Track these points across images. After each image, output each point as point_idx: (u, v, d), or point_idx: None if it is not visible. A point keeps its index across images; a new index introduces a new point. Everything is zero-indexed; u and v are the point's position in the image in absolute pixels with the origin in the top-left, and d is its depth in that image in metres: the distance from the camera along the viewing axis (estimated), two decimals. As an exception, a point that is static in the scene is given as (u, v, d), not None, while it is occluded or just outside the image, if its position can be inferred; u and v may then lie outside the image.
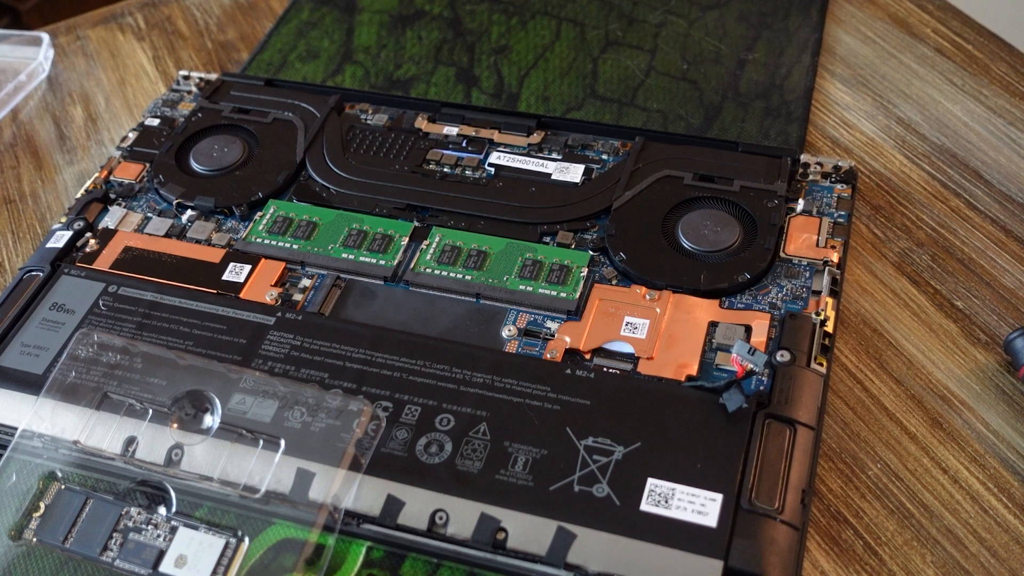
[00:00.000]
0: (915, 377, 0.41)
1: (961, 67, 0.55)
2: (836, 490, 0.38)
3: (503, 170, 0.49)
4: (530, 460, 0.36)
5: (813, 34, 0.58)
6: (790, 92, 0.54)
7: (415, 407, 0.38)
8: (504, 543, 0.34)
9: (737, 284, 0.42)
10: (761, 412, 0.37)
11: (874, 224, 0.47)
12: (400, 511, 0.35)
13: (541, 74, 0.57)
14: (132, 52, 0.63)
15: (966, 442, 0.39)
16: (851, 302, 0.44)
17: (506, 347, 0.41)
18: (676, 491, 0.35)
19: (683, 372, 0.39)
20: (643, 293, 0.42)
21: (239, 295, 0.43)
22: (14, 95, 0.59)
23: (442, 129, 0.51)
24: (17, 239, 0.51)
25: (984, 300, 0.44)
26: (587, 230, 0.45)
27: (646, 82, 0.56)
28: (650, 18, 0.60)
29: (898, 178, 0.50)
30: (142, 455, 0.38)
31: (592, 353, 0.40)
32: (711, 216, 0.45)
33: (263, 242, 0.46)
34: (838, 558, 0.36)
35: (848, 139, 0.52)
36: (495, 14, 0.61)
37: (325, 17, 0.62)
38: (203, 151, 0.51)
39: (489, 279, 0.43)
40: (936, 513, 0.37)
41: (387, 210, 0.47)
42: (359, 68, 0.58)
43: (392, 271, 0.44)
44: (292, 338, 0.41)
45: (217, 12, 0.65)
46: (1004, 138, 0.51)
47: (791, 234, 0.44)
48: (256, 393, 0.38)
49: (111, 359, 0.40)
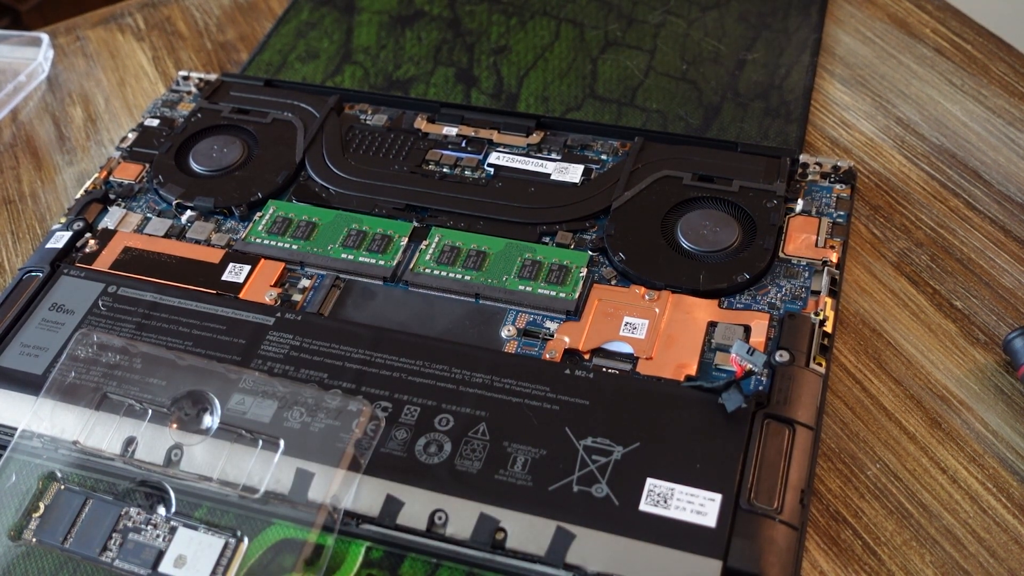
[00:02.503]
0: (914, 377, 0.41)
1: (960, 67, 0.55)
2: (835, 490, 0.38)
3: (502, 170, 0.49)
4: (529, 460, 0.36)
5: (812, 34, 0.58)
6: (789, 92, 0.54)
7: (414, 407, 0.38)
8: (503, 543, 0.34)
9: (736, 284, 0.42)
10: (760, 412, 0.37)
11: (873, 224, 0.47)
12: (399, 511, 0.35)
13: (540, 74, 0.57)
14: (132, 52, 0.63)
15: (965, 442, 0.39)
16: (850, 302, 0.44)
17: (505, 347, 0.41)
18: (675, 491, 0.35)
19: (682, 372, 0.39)
20: (642, 293, 0.42)
21: (238, 295, 0.43)
22: (14, 95, 0.59)
23: (441, 129, 0.51)
24: (17, 239, 0.51)
25: (983, 300, 0.44)
26: (586, 230, 0.45)
27: (645, 82, 0.56)
28: (649, 18, 0.60)
29: (897, 178, 0.50)
30: (141, 455, 0.38)
31: (591, 353, 0.40)
32: (710, 216, 0.45)
33: (262, 242, 0.46)
34: (837, 558, 0.36)
35: (847, 139, 0.52)
36: (494, 14, 0.61)
37: (324, 18, 0.62)
38: (202, 151, 0.51)
39: (488, 279, 0.43)
40: (935, 513, 0.37)
41: (386, 210, 0.47)
42: (358, 68, 0.58)
43: (391, 271, 0.44)
44: (291, 338, 0.41)
45: (217, 13, 0.65)
46: (1003, 138, 0.51)
47: (790, 234, 0.44)
48: (256, 393, 0.38)
49: (110, 359, 0.40)
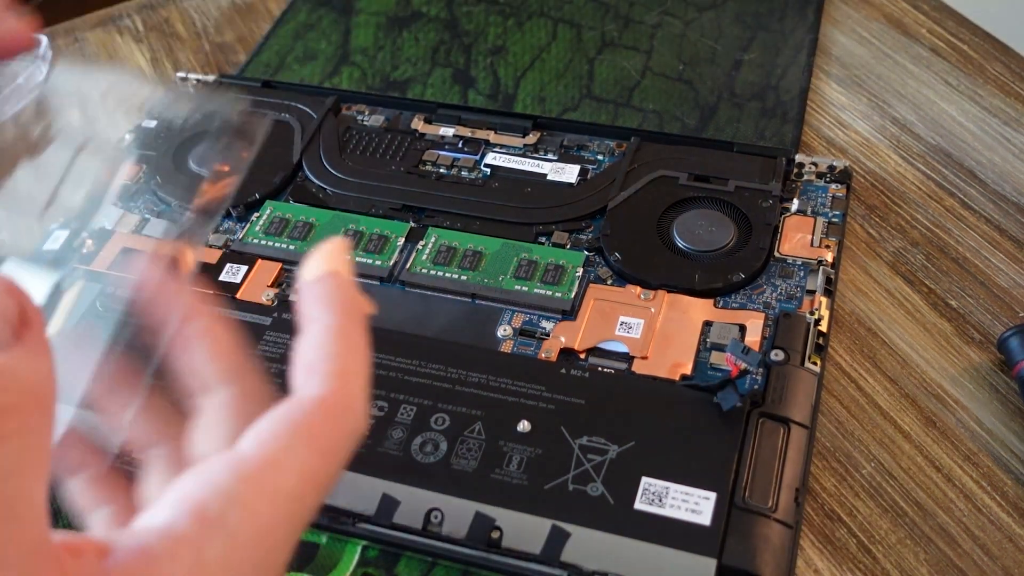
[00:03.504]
0: (909, 376, 0.41)
1: (956, 67, 0.55)
2: (830, 488, 0.38)
3: (499, 171, 0.49)
4: (525, 459, 0.36)
5: (808, 35, 0.58)
6: (785, 92, 0.54)
7: (410, 407, 0.38)
8: (499, 542, 0.34)
9: (731, 284, 0.42)
10: (755, 411, 0.37)
11: (869, 224, 0.47)
12: (395, 510, 0.35)
13: (537, 75, 0.57)
14: (130, 54, 0.63)
15: (960, 440, 0.39)
16: (845, 301, 0.44)
17: (501, 347, 0.41)
18: (670, 490, 0.35)
19: (677, 371, 0.39)
20: (638, 293, 0.42)
21: (236, 296, 0.44)
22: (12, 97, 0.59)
23: (438, 130, 0.52)
24: (15, 240, 0.51)
25: (978, 299, 0.44)
26: (582, 230, 0.46)
27: (642, 83, 0.56)
28: (646, 19, 0.60)
29: (893, 178, 0.50)
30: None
31: (587, 353, 0.40)
32: (706, 216, 0.45)
33: (260, 243, 0.46)
34: (831, 556, 0.36)
35: (843, 139, 0.52)
36: (492, 15, 0.62)
37: (322, 19, 0.62)
38: (201, 152, 0.51)
39: (485, 279, 0.43)
40: (930, 511, 0.37)
41: (383, 211, 0.47)
42: (356, 70, 0.58)
43: (388, 271, 0.44)
44: (289, 339, 0.41)
45: (215, 14, 0.65)
46: (999, 138, 0.51)
47: (785, 234, 0.44)
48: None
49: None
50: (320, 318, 0.24)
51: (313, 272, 0.25)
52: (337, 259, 0.25)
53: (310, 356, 0.24)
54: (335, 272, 0.25)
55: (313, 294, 0.25)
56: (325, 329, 0.24)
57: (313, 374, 0.23)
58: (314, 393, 0.23)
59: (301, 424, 0.22)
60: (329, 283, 0.25)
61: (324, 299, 0.25)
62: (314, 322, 0.24)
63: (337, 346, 0.24)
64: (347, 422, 0.23)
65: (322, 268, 0.25)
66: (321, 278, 0.25)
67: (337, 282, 0.25)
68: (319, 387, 0.23)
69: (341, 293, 0.25)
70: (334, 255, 0.25)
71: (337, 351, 0.24)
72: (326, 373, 0.23)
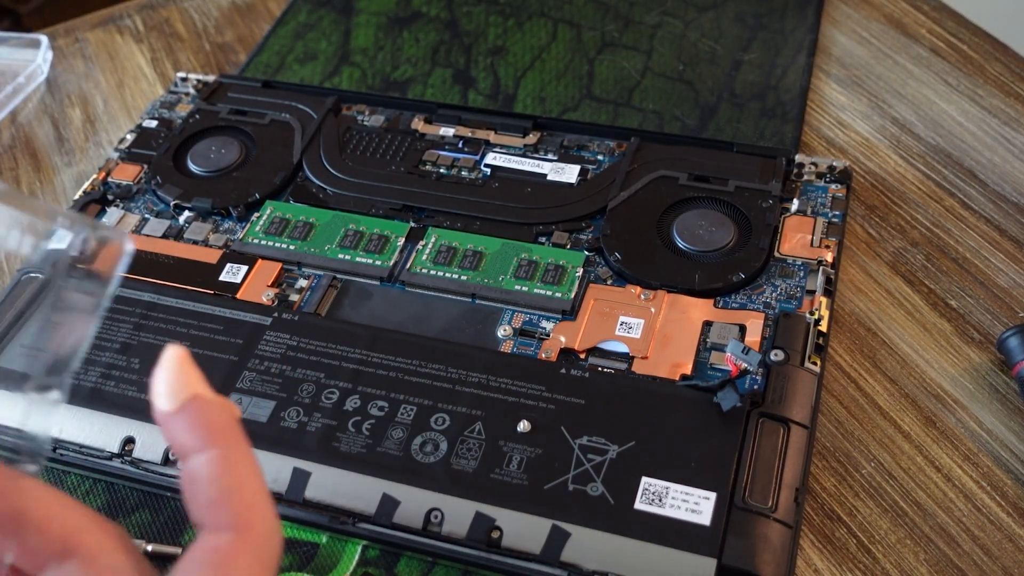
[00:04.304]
0: (909, 376, 0.41)
1: (956, 67, 0.56)
2: (830, 488, 0.38)
3: (499, 171, 0.49)
4: (525, 459, 0.36)
5: (808, 35, 0.58)
6: (785, 92, 0.54)
7: (411, 407, 0.38)
8: (499, 542, 0.34)
9: (731, 284, 0.42)
10: (755, 411, 0.37)
11: (868, 224, 0.47)
12: (395, 510, 0.35)
13: (537, 75, 0.57)
14: (130, 54, 0.63)
15: (960, 440, 0.39)
16: (845, 301, 0.44)
17: (501, 347, 0.41)
18: (670, 490, 0.35)
19: (677, 371, 0.39)
20: (638, 293, 0.42)
21: (236, 296, 0.44)
22: (13, 97, 0.59)
23: (438, 130, 0.52)
24: (15, 240, 0.51)
25: (978, 299, 0.44)
26: (582, 230, 0.46)
27: (642, 83, 0.56)
28: (646, 19, 0.60)
29: (893, 178, 0.50)
30: (139, 454, 0.38)
31: (587, 353, 0.41)
32: (706, 216, 0.45)
33: (260, 243, 0.46)
34: (831, 556, 0.36)
35: (843, 139, 0.52)
36: (492, 16, 0.62)
37: (322, 19, 0.62)
38: (201, 152, 0.51)
39: (485, 279, 0.43)
40: (929, 511, 0.37)
41: (383, 211, 0.47)
42: (356, 70, 0.58)
43: (388, 271, 0.44)
44: (288, 338, 0.41)
45: (215, 14, 0.65)
46: (999, 138, 0.51)
47: (785, 234, 0.44)
48: (253, 393, 0.39)
49: (108, 359, 0.40)
50: (202, 449, 0.23)
51: (170, 401, 0.24)
52: (188, 377, 0.24)
53: (211, 493, 0.23)
54: (195, 396, 0.24)
55: (183, 426, 0.23)
56: (212, 462, 0.23)
57: (220, 511, 0.23)
58: (230, 533, 0.22)
59: (228, 567, 0.22)
60: (193, 411, 0.24)
61: (197, 430, 0.23)
62: (197, 454, 0.23)
63: (233, 476, 0.23)
64: (270, 549, 0.23)
65: (179, 395, 0.24)
66: (184, 407, 0.24)
67: (201, 407, 0.24)
68: (232, 525, 0.22)
69: (211, 418, 0.24)
70: (183, 374, 0.24)
71: (235, 482, 0.23)
72: (234, 511, 0.22)
